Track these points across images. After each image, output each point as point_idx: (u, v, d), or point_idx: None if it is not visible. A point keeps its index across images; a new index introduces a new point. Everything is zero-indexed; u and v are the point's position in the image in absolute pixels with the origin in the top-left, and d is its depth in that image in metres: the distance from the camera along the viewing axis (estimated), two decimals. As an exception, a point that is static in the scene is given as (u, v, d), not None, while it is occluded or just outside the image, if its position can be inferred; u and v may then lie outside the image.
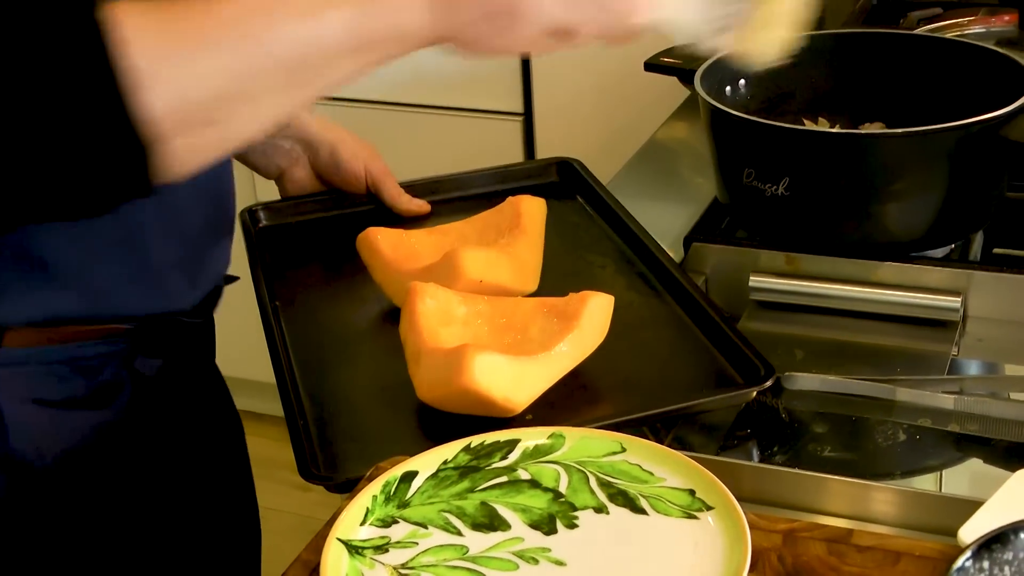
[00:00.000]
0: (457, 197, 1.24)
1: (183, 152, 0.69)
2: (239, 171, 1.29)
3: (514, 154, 2.17)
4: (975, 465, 0.89)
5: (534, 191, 1.16)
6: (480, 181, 1.26)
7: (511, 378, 0.86)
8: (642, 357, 0.95)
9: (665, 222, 1.12)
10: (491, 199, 1.17)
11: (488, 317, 0.95)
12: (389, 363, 0.96)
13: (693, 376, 0.93)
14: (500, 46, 0.76)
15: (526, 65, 2.13)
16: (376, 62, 0.75)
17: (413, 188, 1.22)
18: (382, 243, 1.05)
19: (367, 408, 0.93)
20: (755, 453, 0.88)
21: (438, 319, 0.93)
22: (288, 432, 0.90)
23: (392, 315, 1.02)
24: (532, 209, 1.08)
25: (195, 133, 0.69)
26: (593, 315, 0.91)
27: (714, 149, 1.10)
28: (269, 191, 1.25)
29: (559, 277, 1.05)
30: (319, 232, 1.19)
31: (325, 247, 1.17)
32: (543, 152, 2.16)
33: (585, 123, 2.12)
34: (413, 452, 0.77)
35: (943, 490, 0.85)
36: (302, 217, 1.21)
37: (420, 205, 1.21)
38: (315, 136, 1.18)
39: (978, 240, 1.11)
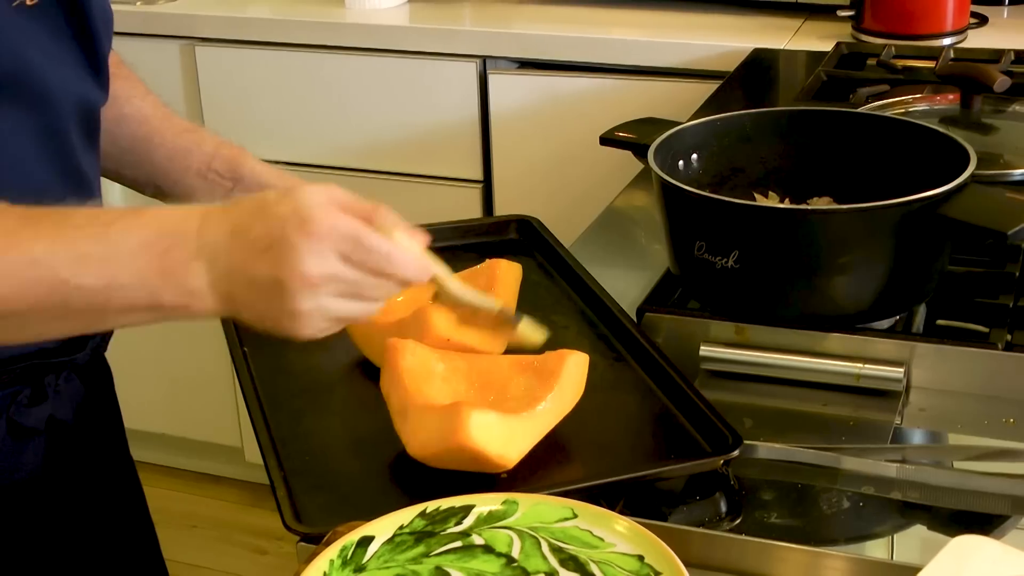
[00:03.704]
0: None
1: None
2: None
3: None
4: (920, 532, 0.91)
5: (493, 247, 1.19)
6: (441, 235, 1.28)
7: (504, 435, 0.88)
8: (607, 421, 0.97)
9: (621, 289, 1.14)
10: (453, 253, 1.19)
11: (466, 374, 0.97)
12: (361, 414, 0.99)
13: (660, 442, 0.96)
14: (281, 325, 0.83)
15: (486, 135, 2.17)
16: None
17: None
18: None
19: (343, 460, 0.95)
20: (703, 519, 0.90)
21: (420, 375, 0.95)
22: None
23: (361, 364, 1.05)
24: (507, 275, 1.11)
25: None
26: (571, 373, 0.94)
27: (666, 222, 1.14)
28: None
29: None
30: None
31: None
32: (503, 218, 2.19)
33: (543, 191, 2.15)
34: (390, 505, 0.80)
35: (895, 557, 0.87)
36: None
37: None
38: (272, 185, 1.20)
39: (921, 312, 1.14)
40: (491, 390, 0.96)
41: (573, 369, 0.94)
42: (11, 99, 0.92)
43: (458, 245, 1.26)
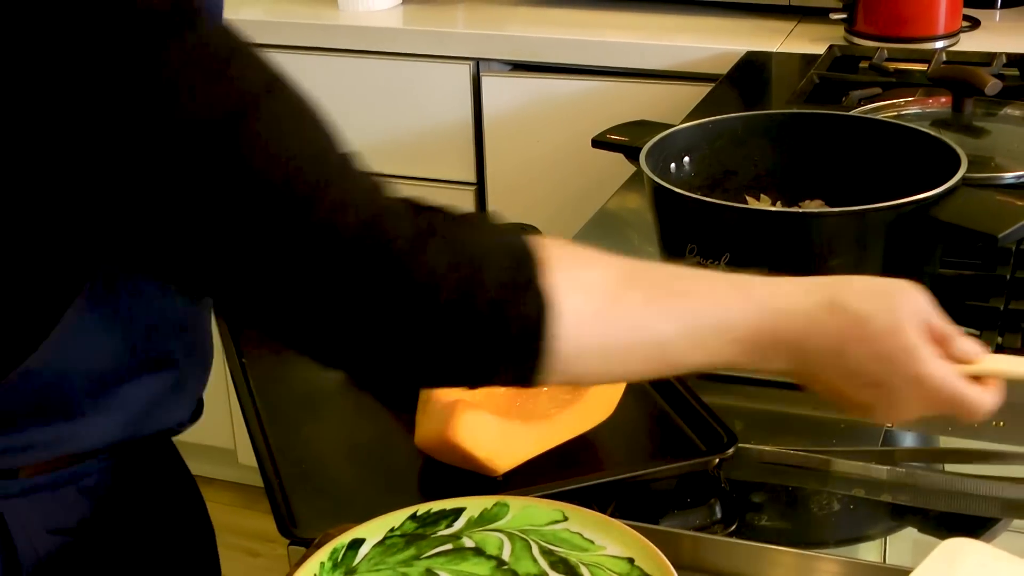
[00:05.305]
0: None
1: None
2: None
3: (467, 222, 2.20)
4: (910, 534, 0.91)
5: None
6: None
7: (497, 439, 0.89)
8: (603, 422, 0.97)
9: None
10: None
11: None
12: (358, 422, 0.99)
13: (654, 442, 0.97)
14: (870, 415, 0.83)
15: (479, 137, 2.17)
16: None
17: None
18: None
19: (339, 467, 0.96)
20: (695, 523, 0.90)
21: None
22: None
23: None
24: None
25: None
26: (600, 394, 0.95)
27: (658, 225, 1.14)
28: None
29: None
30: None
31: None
32: (496, 220, 2.20)
33: (536, 193, 2.15)
34: (386, 511, 0.80)
35: (886, 560, 0.87)
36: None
37: None
38: None
39: (913, 315, 1.14)
40: (525, 395, 0.97)
41: (603, 389, 0.95)
42: None
43: None
